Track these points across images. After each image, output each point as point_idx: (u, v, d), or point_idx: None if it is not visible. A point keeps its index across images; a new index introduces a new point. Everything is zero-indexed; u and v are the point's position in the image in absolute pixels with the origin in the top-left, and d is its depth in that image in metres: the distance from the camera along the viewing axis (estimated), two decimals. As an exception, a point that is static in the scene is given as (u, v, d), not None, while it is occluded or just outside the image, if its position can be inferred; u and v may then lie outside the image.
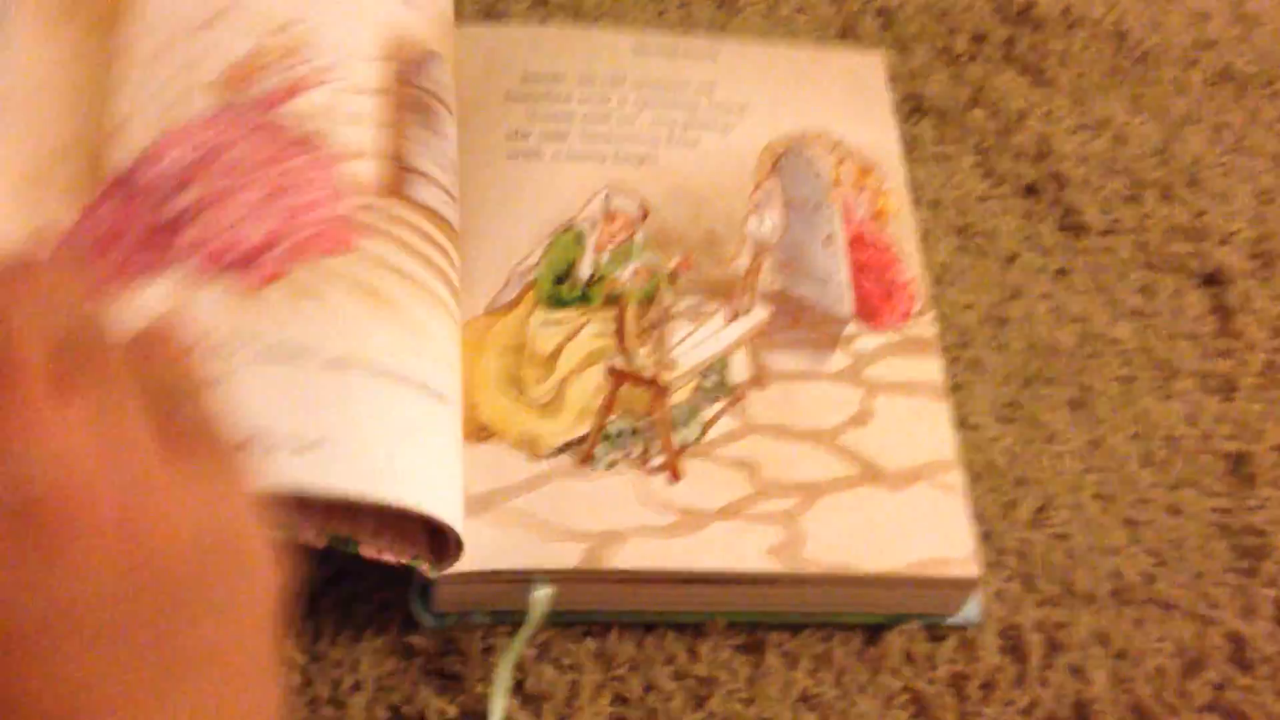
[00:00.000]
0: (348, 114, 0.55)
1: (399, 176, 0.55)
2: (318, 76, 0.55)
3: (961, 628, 0.55)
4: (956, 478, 0.56)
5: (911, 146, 0.66)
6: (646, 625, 0.54)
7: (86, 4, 0.55)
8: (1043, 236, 0.66)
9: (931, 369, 0.58)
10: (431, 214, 0.55)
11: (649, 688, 0.53)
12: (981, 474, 0.58)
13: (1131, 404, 0.62)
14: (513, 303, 0.57)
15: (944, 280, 0.63)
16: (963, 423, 0.59)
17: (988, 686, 0.54)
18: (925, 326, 0.59)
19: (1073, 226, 0.66)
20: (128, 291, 0.49)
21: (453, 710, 0.51)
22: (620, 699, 0.52)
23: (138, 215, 0.50)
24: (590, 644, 0.53)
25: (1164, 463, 0.60)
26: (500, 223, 0.59)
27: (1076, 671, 0.55)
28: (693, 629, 0.54)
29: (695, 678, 0.53)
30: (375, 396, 0.50)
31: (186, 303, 0.49)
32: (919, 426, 0.57)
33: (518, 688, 0.52)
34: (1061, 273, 0.65)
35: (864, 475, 0.55)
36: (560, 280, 0.58)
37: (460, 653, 0.52)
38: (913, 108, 0.69)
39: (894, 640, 0.54)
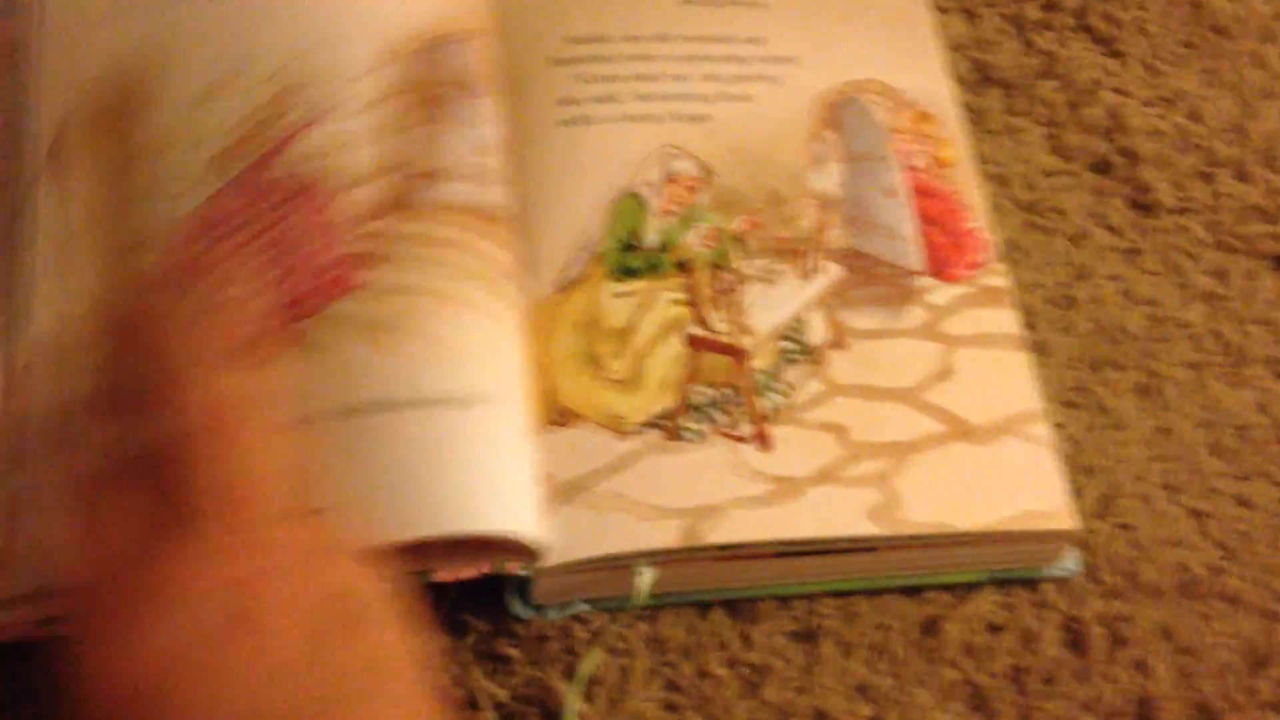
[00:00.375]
0: (344, 142, 0.54)
1: (404, 187, 0.54)
2: (311, 114, 0.54)
3: (1063, 579, 0.54)
4: (1044, 429, 0.55)
5: (978, 118, 0.65)
6: (701, 608, 0.53)
7: (104, 128, 0.55)
8: (1112, 214, 0.64)
9: (1007, 319, 0.58)
10: (447, 211, 0.54)
11: (702, 674, 0.52)
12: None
13: (1201, 390, 0.60)
14: (581, 277, 0.56)
15: (1010, 258, 0.60)
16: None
17: (1049, 680, 0.53)
18: (997, 275, 0.58)
19: (1144, 205, 0.64)
20: None
21: (503, 694, 0.51)
22: (672, 685, 0.51)
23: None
24: (643, 628, 0.52)
25: (1234, 452, 0.58)
26: (559, 195, 0.57)
27: (1140, 666, 0.53)
28: (747, 615, 0.53)
29: (748, 665, 0.52)
30: (396, 433, 0.49)
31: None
32: (1001, 379, 0.56)
33: (568, 672, 0.51)
34: (1131, 253, 0.63)
35: (952, 431, 0.55)
36: (627, 249, 0.57)
37: (512, 634, 0.52)
38: (981, 77, 0.67)
39: (952, 631, 0.53)
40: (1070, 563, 0.54)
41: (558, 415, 0.53)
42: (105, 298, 0.50)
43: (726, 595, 0.53)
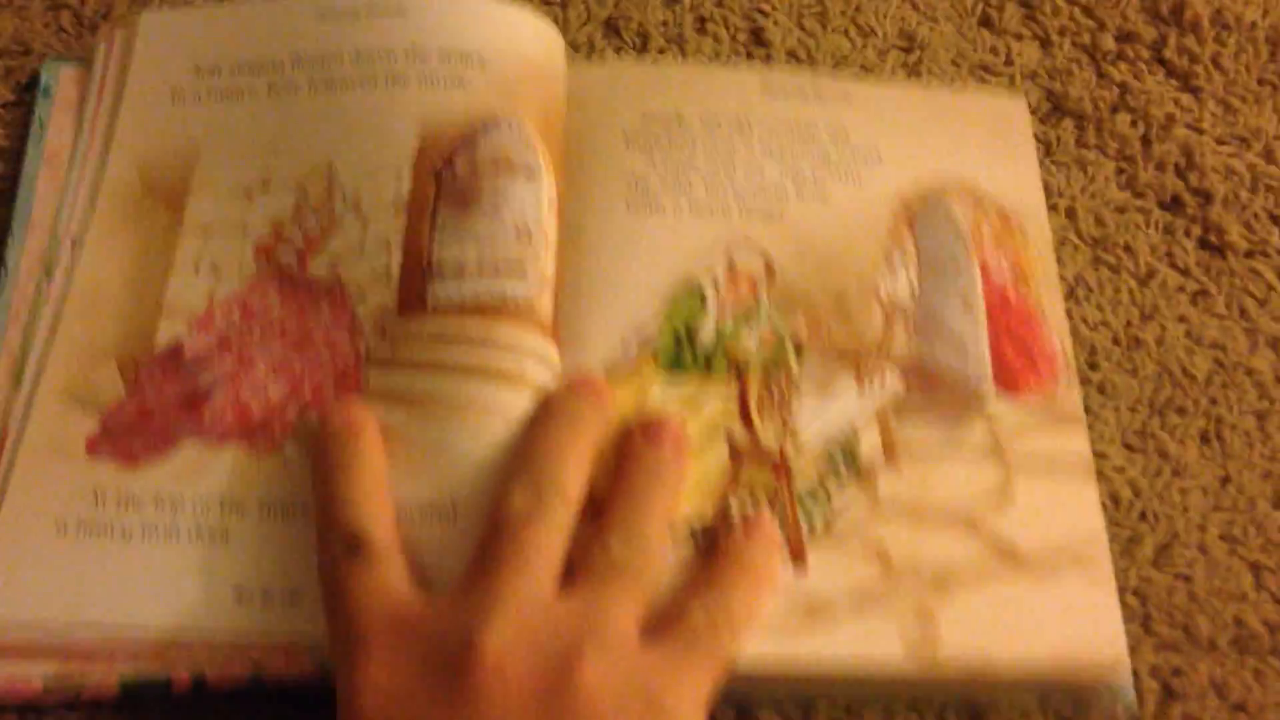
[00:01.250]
0: (372, 242, 0.55)
1: (421, 289, 0.54)
2: (348, 213, 0.55)
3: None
4: (1105, 567, 0.52)
5: (1048, 149, 0.64)
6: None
7: (156, 191, 0.57)
8: (1181, 254, 0.62)
9: (1077, 445, 0.54)
10: (461, 309, 0.53)
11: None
12: (1104, 506, 0.55)
13: (1266, 440, 0.58)
14: (631, 367, 0.54)
15: (1075, 295, 0.60)
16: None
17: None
18: (1071, 398, 0.55)
19: (1215, 245, 0.63)
20: (163, 455, 0.52)
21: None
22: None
23: (179, 383, 0.53)
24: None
25: (1296, 505, 0.56)
26: (618, 278, 0.56)
27: None
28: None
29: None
30: None
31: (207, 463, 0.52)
32: (1063, 509, 0.53)
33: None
34: (1200, 294, 0.61)
35: (1004, 563, 0.52)
36: (681, 343, 0.55)
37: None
38: (1052, 107, 0.66)
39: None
40: (1124, 700, 0.51)
41: (591, 510, 0.51)
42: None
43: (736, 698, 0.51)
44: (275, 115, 0.58)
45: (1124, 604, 0.52)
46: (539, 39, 0.59)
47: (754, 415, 0.54)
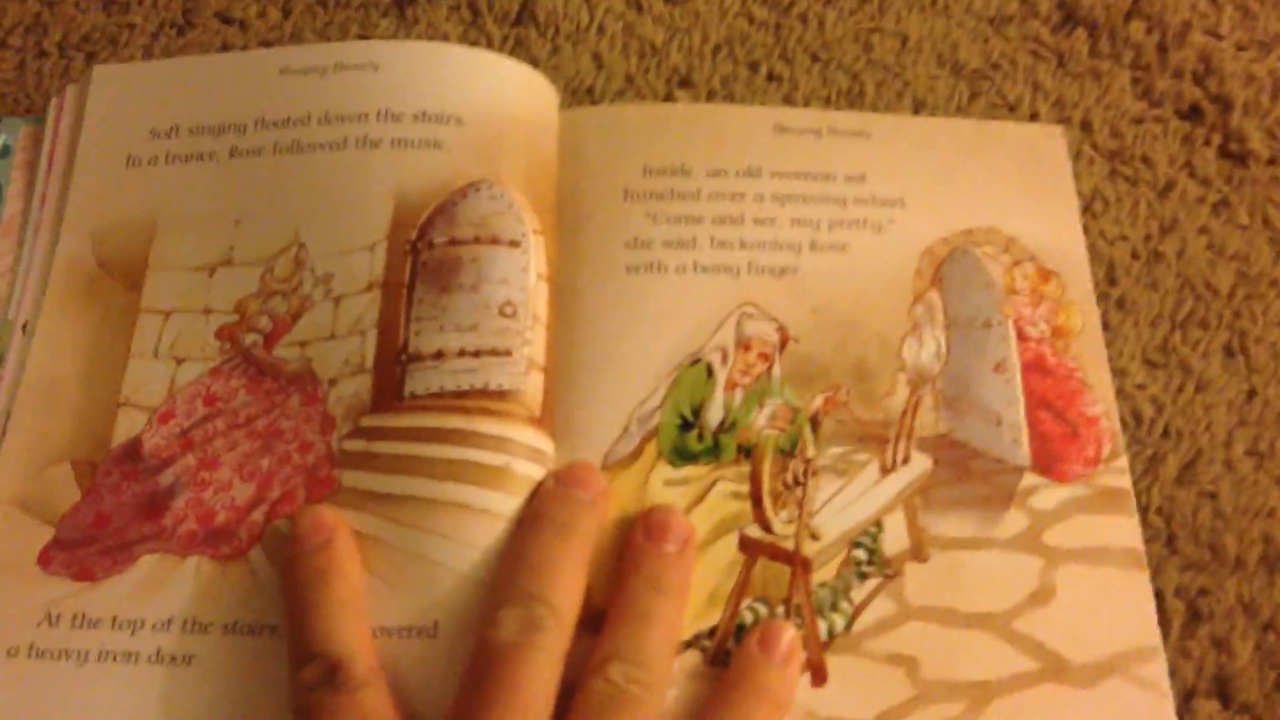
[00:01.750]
0: (345, 325, 0.50)
1: (396, 378, 0.49)
2: (318, 291, 0.51)
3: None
4: (1159, 670, 0.47)
5: (1061, 60, 0.62)
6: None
7: (112, 269, 0.53)
8: (1202, 164, 0.60)
9: (1127, 530, 0.49)
10: (438, 400, 0.49)
11: None
12: (1125, 423, 0.53)
13: None
14: (632, 455, 0.49)
15: (1093, 210, 0.58)
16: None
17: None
18: (1118, 474, 0.50)
19: (1236, 154, 0.60)
20: (116, 570, 0.48)
21: None
22: None
23: (137, 484, 0.49)
24: None
25: (1326, 419, 0.54)
26: (618, 354, 0.51)
27: (1219, 643, 0.50)
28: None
29: None
30: None
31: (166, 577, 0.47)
32: (1112, 605, 0.48)
33: None
34: (1221, 205, 0.59)
35: (1046, 669, 0.47)
36: (686, 427, 0.50)
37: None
38: (1064, 16, 0.64)
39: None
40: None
41: (593, 618, 0.47)
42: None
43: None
44: (238, 182, 0.53)
45: (1147, 524, 0.51)
46: (525, 91, 0.54)
47: (767, 504, 0.49)
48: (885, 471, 0.50)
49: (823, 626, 0.47)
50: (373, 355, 0.49)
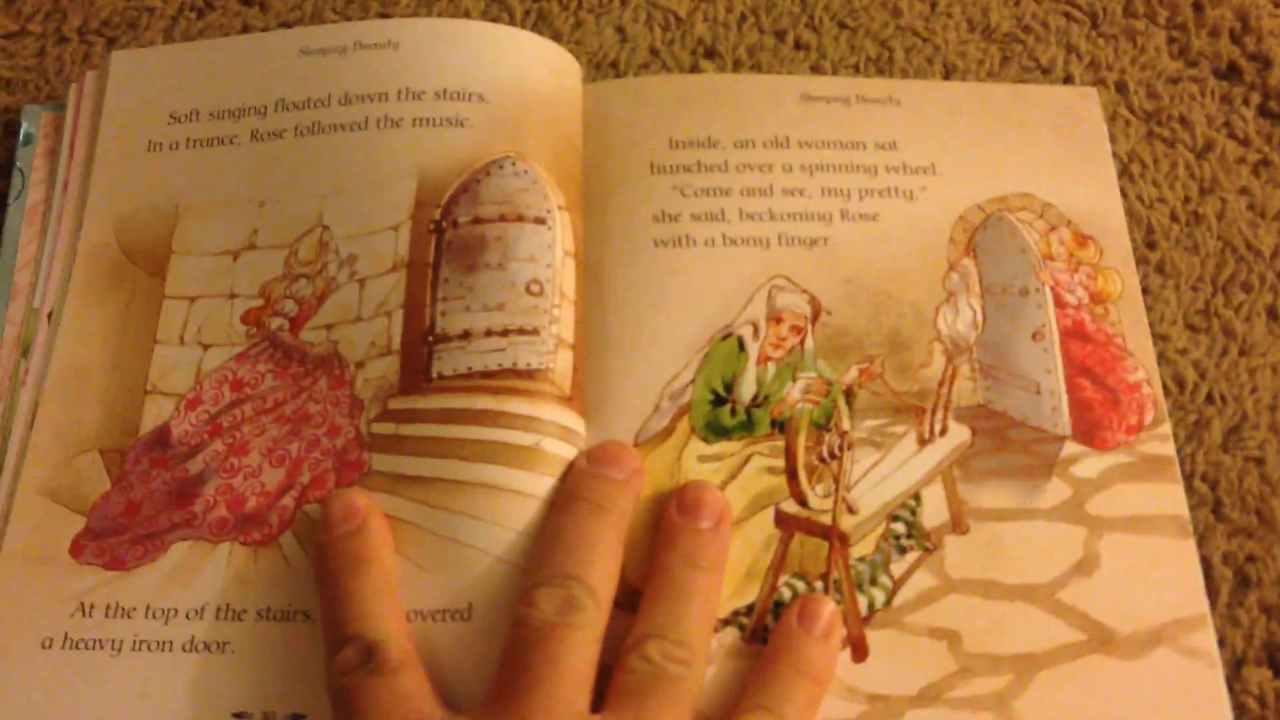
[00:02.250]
0: (370, 306, 0.49)
1: (424, 359, 0.48)
2: (343, 273, 0.50)
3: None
4: (1206, 639, 0.46)
5: (1094, 21, 0.61)
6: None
7: (136, 255, 0.52)
8: (1241, 124, 0.59)
9: (1171, 497, 0.48)
10: (466, 381, 0.48)
11: None
12: (1167, 389, 0.52)
13: None
14: (665, 432, 0.49)
15: (1130, 172, 0.57)
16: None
17: (1171, 626, 0.48)
18: (1161, 441, 0.49)
19: (1275, 113, 0.59)
20: (149, 559, 0.47)
21: None
22: None
23: (166, 471, 0.48)
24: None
25: (1372, 381, 0.53)
26: (649, 330, 0.50)
27: (1268, 610, 0.49)
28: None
29: None
30: None
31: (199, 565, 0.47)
32: (1157, 574, 0.47)
33: None
34: (1261, 164, 0.58)
35: (1091, 641, 0.46)
36: (719, 402, 0.49)
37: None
38: None
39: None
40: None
41: (628, 597, 0.46)
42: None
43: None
44: (259, 165, 0.53)
45: (1192, 490, 0.50)
46: (548, 66, 0.53)
47: (802, 479, 0.48)
48: (923, 443, 0.49)
49: (862, 601, 0.46)
50: (399, 337, 0.49)
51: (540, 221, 0.50)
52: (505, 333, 0.48)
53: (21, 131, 0.56)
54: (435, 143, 0.51)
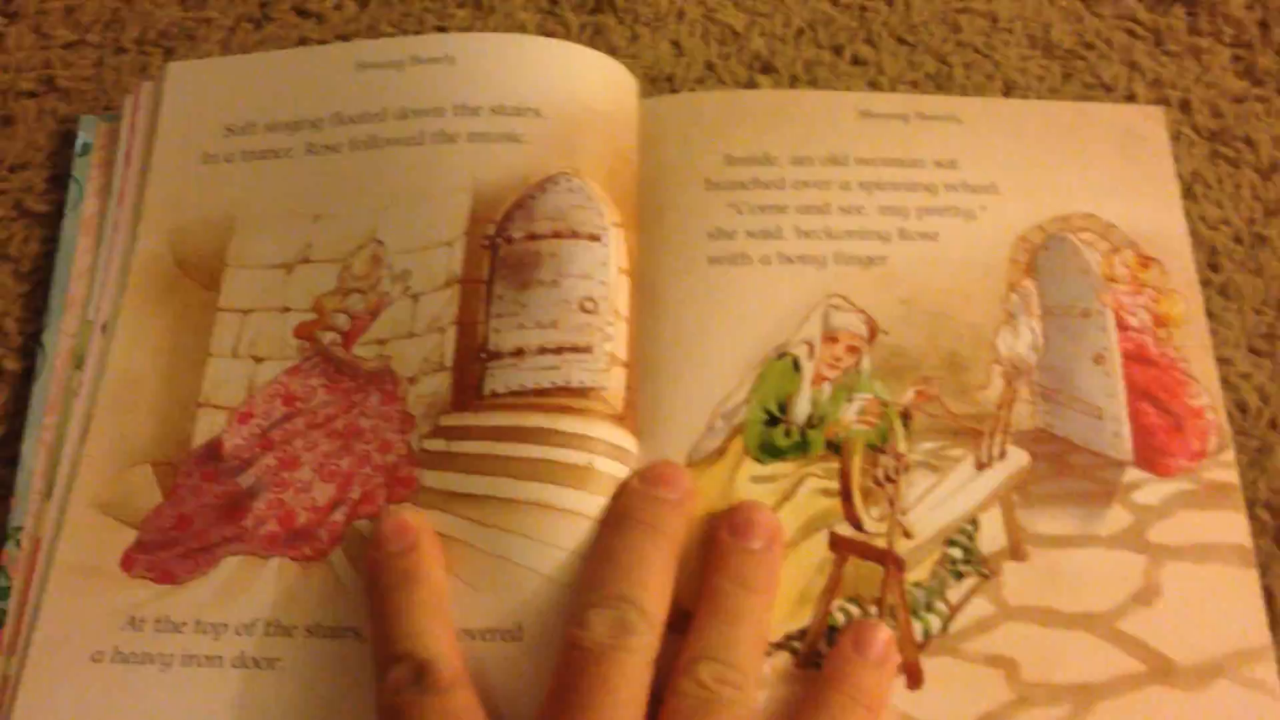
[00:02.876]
0: (423, 323, 0.49)
1: (476, 376, 0.48)
2: (396, 288, 0.50)
3: None
4: (1269, 671, 0.45)
5: (1158, 38, 0.60)
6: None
7: (189, 267, 0.52)
8: None
9: (1234, 526, 0.47)
10: (519, 399, 0.48)
11: None
12: (1230, 415, 0.51)
13: None
14: (718, 452, 0.48)
15: (1193, 193, 0.55)
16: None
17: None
18: (1224, 468, 0.48)
19: None
20: (199, 573, 0.47)
21: None
22: None
23: (218, 485, 0.48)
24: None
25: None
26: (702, 348, 0.50)
27: None
28: None
29: None
30: None
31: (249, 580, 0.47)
32: (1219, 603, 0.46)
33: None
34: None
35: (1151, 671, 0.45)
36: (773, 422, 0.48)
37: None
38: None
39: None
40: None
41: (679, 620, 0.45)
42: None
43: None
44: (314, 179, 0.53)
45: (1254, 518, 0.49)
46: (604, 81, 0.53)
47: (857, 501, 0.47)
48: (980, 467, 0.48)
49: (918, 627, 0.46)
50: (452, 353, 0.49)
51: (595, 238, 0.49)
52: (559, 350, 0.47)
53: (79, 141, 0.56)
54: (490, 158, 0.51)
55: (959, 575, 0.46)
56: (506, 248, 0.49)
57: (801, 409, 0.49)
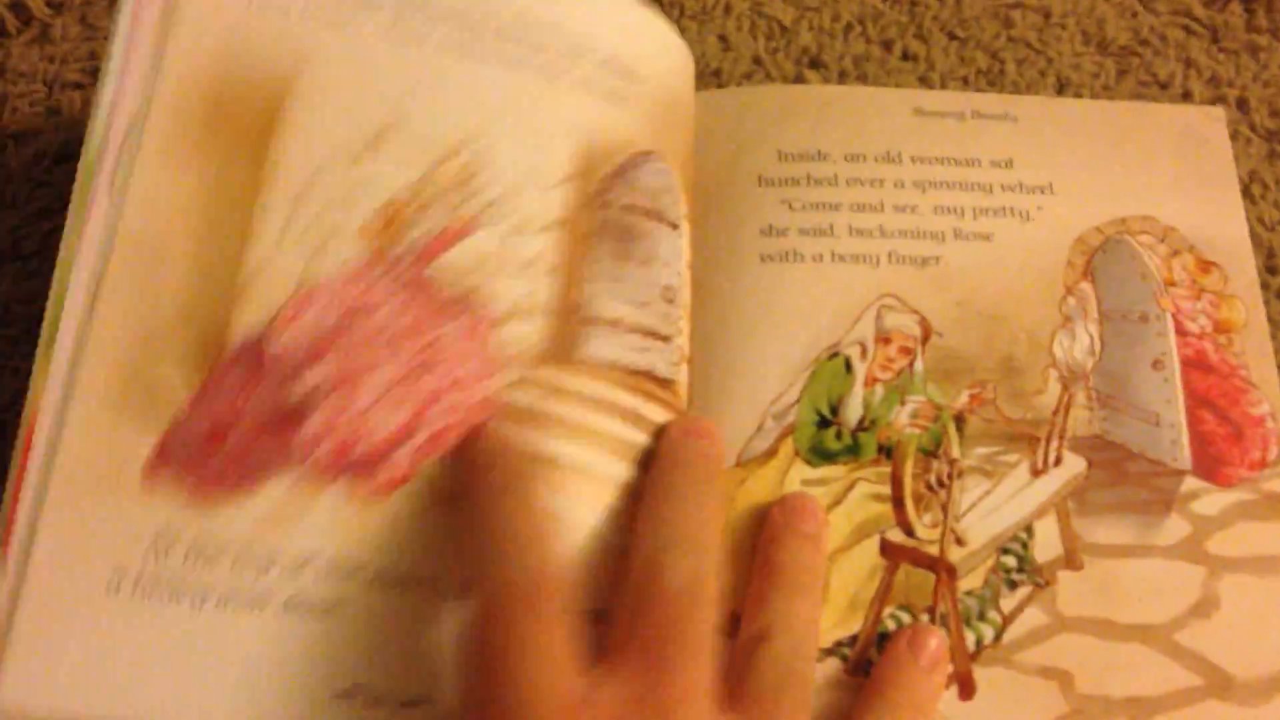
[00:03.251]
0: (517, 262, 0.43)
1: (571, 333, 0.44)
2: (487, 215, 0.43)
3: None
4: (1331, 688, 0.44)
5: (1215, 35, 0.59)
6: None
7: (230, 122, 0.42)
8: None
9: (1295, 538, 0.46)
10: (612, 371, 0.44)
11: None
12: None
13: None
14: (768, 452, 0.47)
15: (1251, 193, 0.54)
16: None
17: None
18: (1286, 479, 0.47)
19: None
20: (240, 493, 0.40)
21: None
22: None
23: (261, 393, 0.40)
24: None
25: None
26: (753, 346, 0.49)
27: None
28: None
29: None
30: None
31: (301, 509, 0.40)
32: (1279, 617, 0.45)
33: None
34: None
35: (1209, 686, 0.44)
36: (824, 424, 0.48)
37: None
38: None
39: None
40: None
41: (728, 620, 0.44)
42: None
43: None
44: (402, 57, 0.45)
45: None
46: (679, 62, 0.51)
47: (909, 507, 0.46)
48: (1036, 473, 0.47)
49: (970, 637, 0.45)
50: (546, 302, 0.44)
51: (674, 227, 0.48)
52: (648, 334, 0.46)
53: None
54: (596, 113, 0.47)
55: (1013, 584, 0.46)
56: (605, 212, 0.46)
57: (853, 411, 0.48)
